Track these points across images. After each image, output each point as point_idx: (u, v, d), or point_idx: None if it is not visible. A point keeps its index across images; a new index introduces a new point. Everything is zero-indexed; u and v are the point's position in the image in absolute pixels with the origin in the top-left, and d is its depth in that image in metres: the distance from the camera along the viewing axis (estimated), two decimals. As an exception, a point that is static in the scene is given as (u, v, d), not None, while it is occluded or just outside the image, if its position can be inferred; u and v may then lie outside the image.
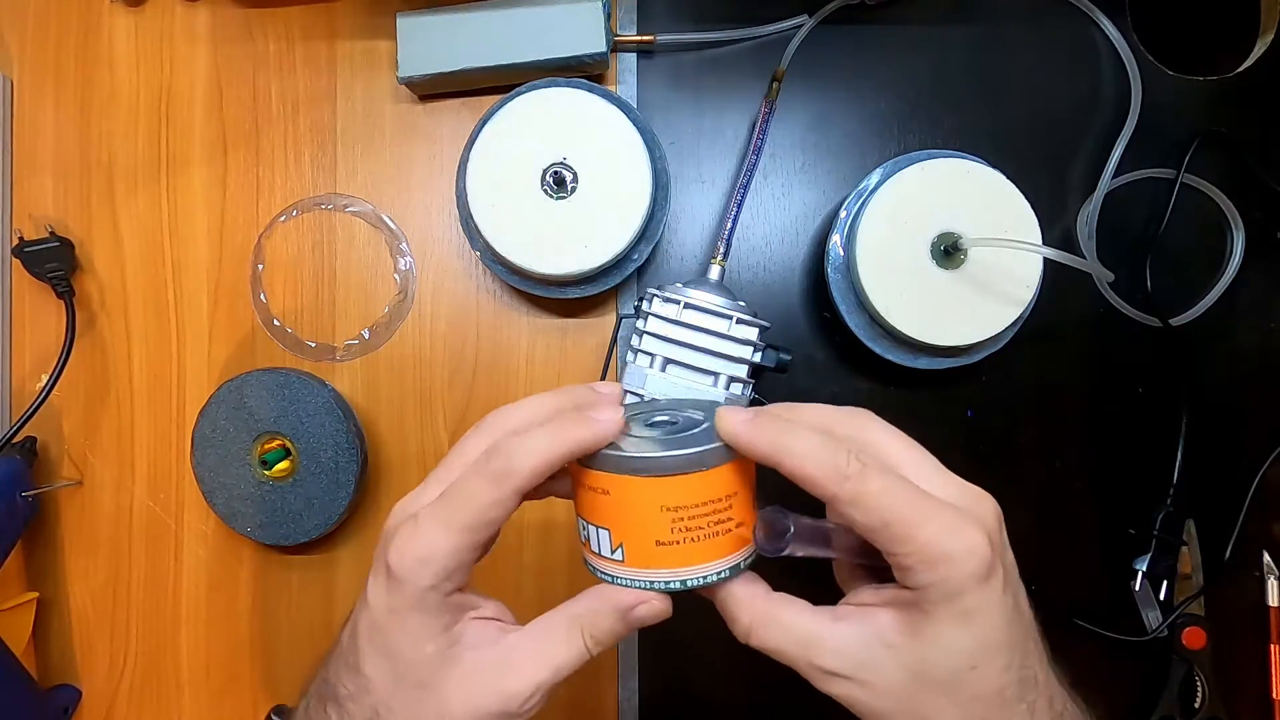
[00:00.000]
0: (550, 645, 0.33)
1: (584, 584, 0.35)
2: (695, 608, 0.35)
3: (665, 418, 0.36)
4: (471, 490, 0.32)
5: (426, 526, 0.32)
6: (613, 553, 0.33)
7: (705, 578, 0.32)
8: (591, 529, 0.33)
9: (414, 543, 0.31)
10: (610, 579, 0.33)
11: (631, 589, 0.33)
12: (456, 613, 0.33)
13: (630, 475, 0.32)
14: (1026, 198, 0.52)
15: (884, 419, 0.36)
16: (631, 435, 0.34)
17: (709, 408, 0.36)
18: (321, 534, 0.56)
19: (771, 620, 0.33)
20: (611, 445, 0.32)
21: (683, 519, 0.32)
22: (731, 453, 0.32)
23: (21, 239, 0.58)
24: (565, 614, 0.33)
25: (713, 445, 0.32)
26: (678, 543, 0.32)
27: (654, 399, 0.39)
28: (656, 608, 0.33)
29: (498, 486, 0.31)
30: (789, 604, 0.33)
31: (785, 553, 0.32)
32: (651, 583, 0.33)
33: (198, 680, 0.60)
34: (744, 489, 0.33)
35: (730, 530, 0.32)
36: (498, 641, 0.33)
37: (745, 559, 0.33)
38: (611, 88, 0.58)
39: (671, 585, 0.32)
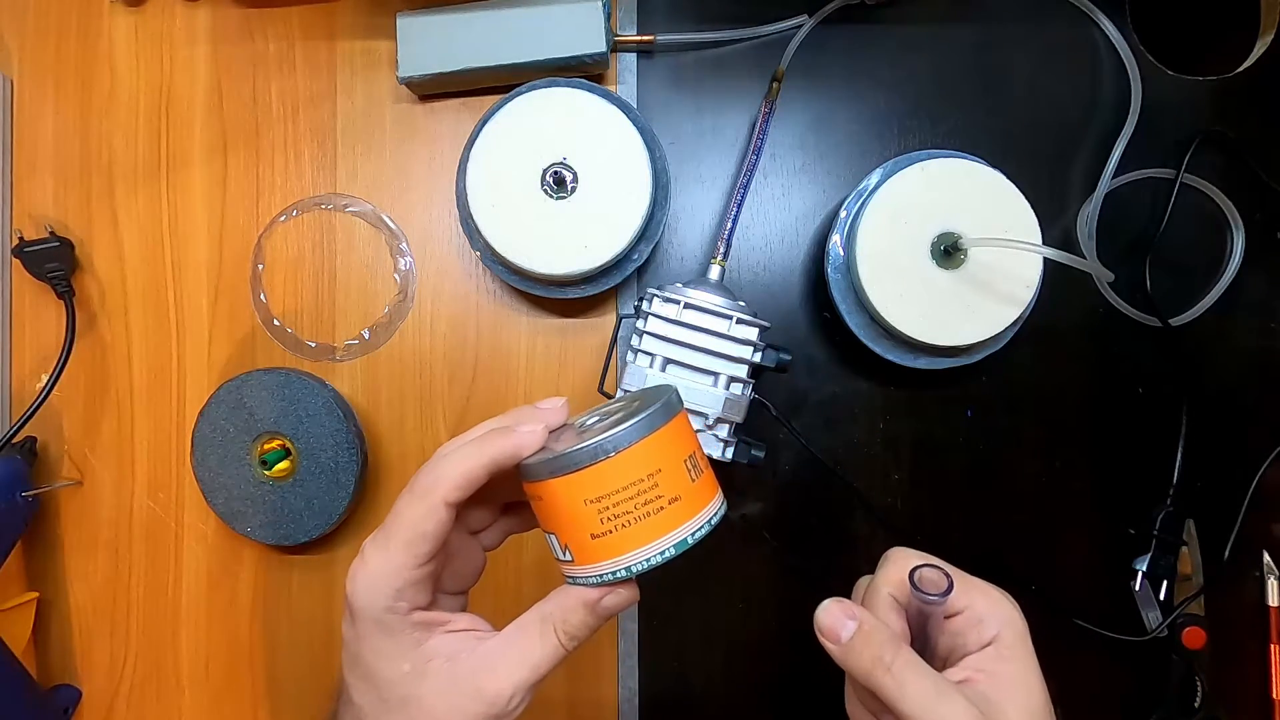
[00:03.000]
0: (525, 645, 0.34)
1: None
2: (696, 606, 0.35)
3: (595, 417, 0.36)
4: (401, 510, 0.34)
5: (369, 554, 0.34)
6: (564, 554, 0.34)
7: (649, 559, 0.32)
8: (547, 537, 0.34)
9: (361, 571, 0.34)
10: (572, 580, 0.34)
11: (590, 585, 0.34)
12: (425, 630, 0.34)
13: (550, 478, 0.32)
14: (1026, 198, 0.52)
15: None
16: (559, 446, 0.34)
17: (643, 396, 0.36)
18: (321, 534, 0.56)
19: (911, 673, 0.34)
20: (542, 452, 0.34)
21: (607, 507, 0.32)
22: (640, 431, 0.32)
23: (21, 239, 0.58)
24: (536, 613, 0.35)
25: (614, 431, 0.32)
26: (610, 531, 0.32)
27: (611, 400, 0.39)
28: (623, 595, 0.34)
29: (424, 501, 0.33)
30: (918, 665, 0.35)
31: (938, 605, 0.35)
32: (601, 576, 0.33)
33: (198, 680, 0.60)
34: (670, 463, 0.33)
35: (663, 508, 0.32)
36: (474, 650, 0.34)
37: (694, 533, 0.33)
38: (611, 88, 0.58)
39: (619, 574, 0.33)
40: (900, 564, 0.37)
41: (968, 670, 0.35)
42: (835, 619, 0.35)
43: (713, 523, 0.34)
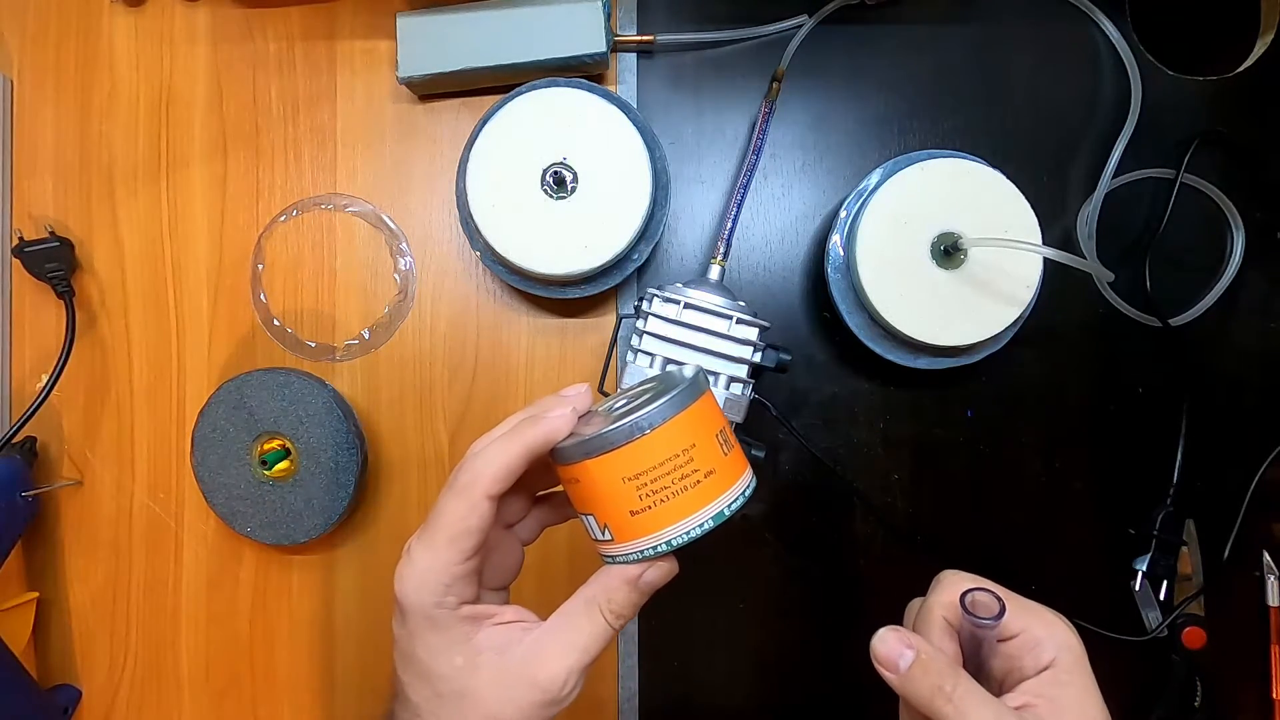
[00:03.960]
0: (573, 629, 0.35)
1: (584, 576, 0.36)
2: (696, 606, 0.35)
3: (624, 401, 0.36)
4: (443, 508, 0.35)
5: (415, 552, 0.35)
6: (603, 534, 0.34)
7: (689, 532, 0.33)
8: (584, 519, 0.35)
9: (407, 570, 0.35)
10: (611, 559, 0.35)
11: (631, 563, 0.34)
12: (474, 623, 0.35)
13: (586, 459, 0.33)
14: (1026, 198, 0.52)
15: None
16: (593, 425, 0.35)
17: (668, 378, 0.37)
18: (321, 534, 0.56)
19: (971, 702, 0.34)
20: (572, 437, 0.34)
21: (645, 484, 0.32)
22: (673, 408, 0.33)
23: (21, 239, 0.58)
24: (581, 598, 0.35)
25: (648, 409, 0.32)
26: (650, 508, 0.33)
27: (633, 386, 0.40)
28: (663, 568, 0.35)
29: (465, 497, 0.34)
30: (979, 694, 0.35)
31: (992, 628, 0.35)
32: (642, 552, 0.34)
33: (198, 680, 0.60)
34: (703, 438, 0.33)
35: (700, 482, 0.33)
36: (522, 640, 0.35)
37: (730, 505, 0.34)
38: (611, 88, 0.58)
39: (659, 548, 0.33)
40: (952, 587, 0.37)
41: (1026, 696, 0.35)
42: (892, 649, 0.35)
43: (746, 494, 0.34)
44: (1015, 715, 0.34)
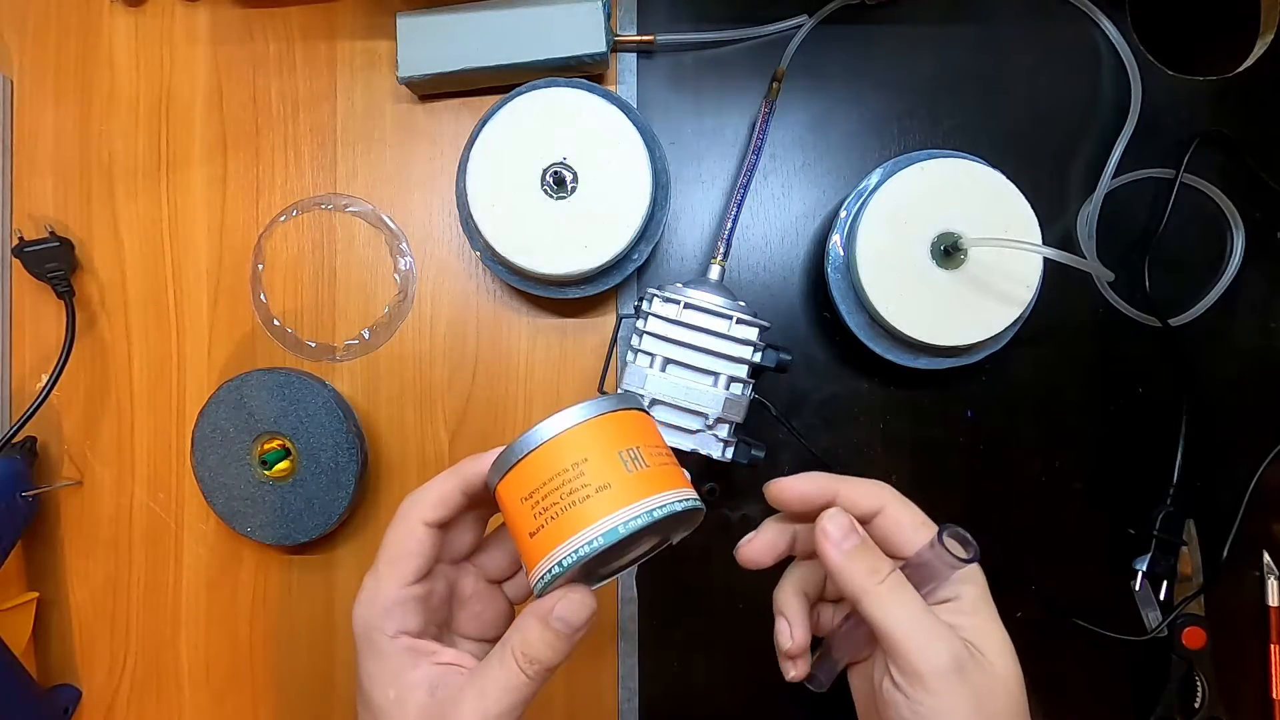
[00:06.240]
0: (486, 676, 0.34)
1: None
2: (696, 607, 0.35)
3: None
4: (386, 535, 0.36)
5: (365, 581, 0.36)
6: (524, 566, 0.34)
7: (577, 550, 0.31)
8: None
9: (359, 596, 0.36)
10: (535, 593, 0.33)
11: (542, 594, 0.33)
12: (413, 657, 0.35)
13: (498, 483, 0.33)
14: (1026, 198, 0.52)
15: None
16: None
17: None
18: (321, 534, 0.56)
19: (900, 595, 0.35)
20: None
21: (538, 502, 0.32)
22: (567, 421, 0.32)
23: (21, 239, 0.58)
24: (500, 644, 0.34)
25: (542, 423, 0.32)
26: (542, 526, 0.32)
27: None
28: (575, 601, 0.33)
29: (403, 522, 0.35)
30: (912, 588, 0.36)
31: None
32: (542, 579, 0.32)
33: (198, 680, 0.60)
34: (599, 453, 0.32)
35: (589, 496, 0.31)
36: (450, 683, 0.34)
37: (624, 523, 0.31)
38: (611, 88, 0.58)
39: (554, 571, 0.31)
40: (867, 496, 0.38)
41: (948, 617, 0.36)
42: (843, 526, 0.36)
43: (654, 515, 0.31)
44: (944, 624, 0.34)
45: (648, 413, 0.35)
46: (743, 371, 0.51)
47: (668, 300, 0.51)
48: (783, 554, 0.41)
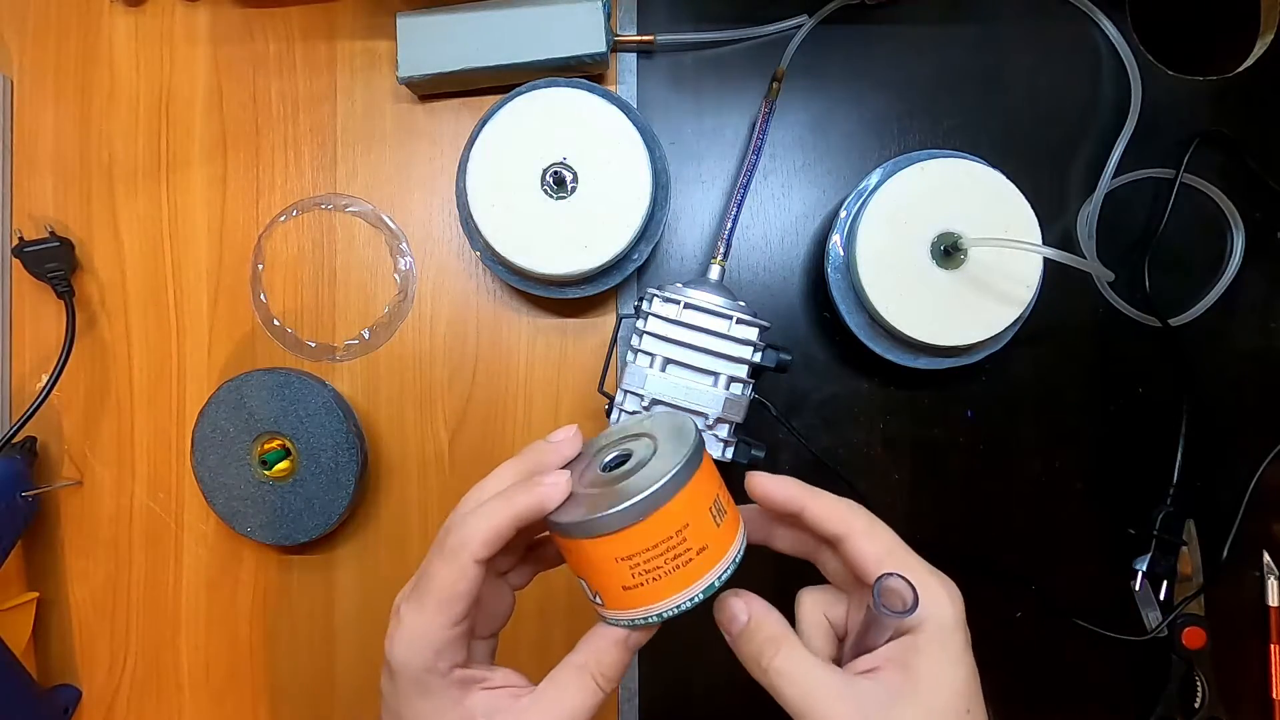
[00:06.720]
0: (563, 696, 0.34)
1: (583, 626, 0.36)
2: (695, 608, 0.35)
3: (615, 454, 0.36)
4: (432, 572, 0.34)
5: (405, 616, 0.34)
6: (595, 598, 0.34)
7: (679, 606, 0.33)
8: (579, 579, 0.35)
9: (398, 633, 0.34)
10: (604, 619, 0.35)
11: (621, 627, 0.34)
12: (463, 688, 0.34)
13: (583, 538, 0.33)
14: (1026, 198, 0.52)
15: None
16: (583, 488, 0.35)
17: (666, 429, 0.36)
18: (321, 534, 0.56)
19: (789, 667, 0.34)
20: (567, 503, 0.34)
21: (638, 564, 0.32)
22: (671, 491, 0.32)
23: (21, 239, 0.58)
24: (569, 664, 0.35)
25: (644, 495, 0.32)
26: (642, 584, 0.33)
27: (614, 429, 0.40)
28: (652, 628, 0.35)
29: (454, 562, 0.33)
30: (808, 654, 0.35)
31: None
32: (632, 620, 0.34)
33: (198, 680, 0.60)
34: (696, 516, 0.33)
35: (691, 559, 0.33)
36: (510, 708, 0.34)
37: (719, 577, 0.34)
38: (611, 88, 0.58)
39: (650, 619, 0.34)
40: (832, 519, 0.37)
41: (877, 660, 0.34)
42: (726, 612, 0.37)
43: (737, 561, 0.34)
44: (848, 681, 0.33)
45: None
46: (743, 371, 0.51)
47: (668, 300, 0.51)
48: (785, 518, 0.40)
